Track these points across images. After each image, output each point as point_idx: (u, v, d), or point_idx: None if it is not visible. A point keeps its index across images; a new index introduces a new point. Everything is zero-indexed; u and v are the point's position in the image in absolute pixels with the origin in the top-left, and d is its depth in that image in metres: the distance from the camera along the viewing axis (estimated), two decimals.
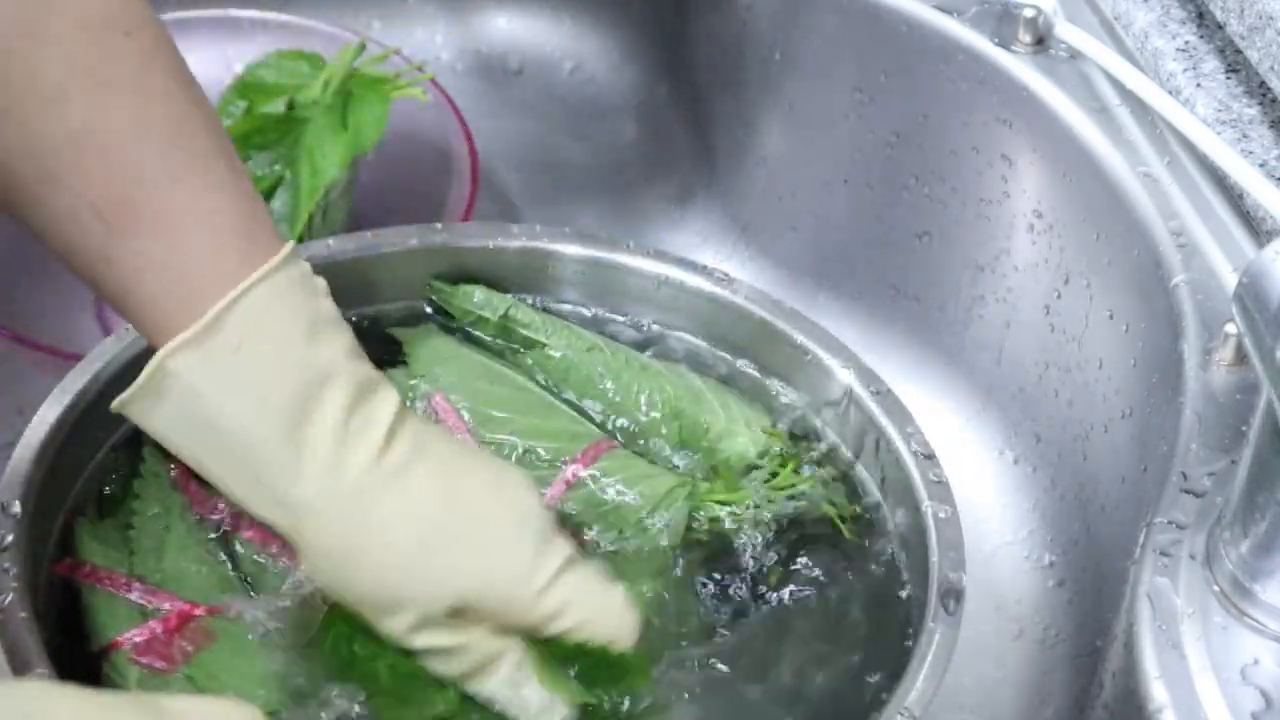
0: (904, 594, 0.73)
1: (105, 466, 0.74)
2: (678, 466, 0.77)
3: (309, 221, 0.95)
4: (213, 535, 0.72)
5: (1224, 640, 0.65)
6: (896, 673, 0.68)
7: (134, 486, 0.73)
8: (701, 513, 0.75)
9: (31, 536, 0.68)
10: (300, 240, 0.93)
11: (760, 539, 0.74)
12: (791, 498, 0.76)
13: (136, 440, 0.73)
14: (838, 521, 0.75)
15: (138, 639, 0.67)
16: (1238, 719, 0.63)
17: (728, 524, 0.75)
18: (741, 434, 0.77)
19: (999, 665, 0.89)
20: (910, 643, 0.69)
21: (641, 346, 0.81)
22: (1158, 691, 0.64)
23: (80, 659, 0.67)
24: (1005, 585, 0.92)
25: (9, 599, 0.65)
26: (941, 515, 0.71)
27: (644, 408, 0.78)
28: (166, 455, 0.73)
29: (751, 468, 0.77)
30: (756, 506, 0.75)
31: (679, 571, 0.73)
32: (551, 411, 0.77)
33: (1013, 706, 0.88)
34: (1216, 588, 0.66)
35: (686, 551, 0.74)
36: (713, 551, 0.74)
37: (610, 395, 0.78)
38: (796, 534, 0.76)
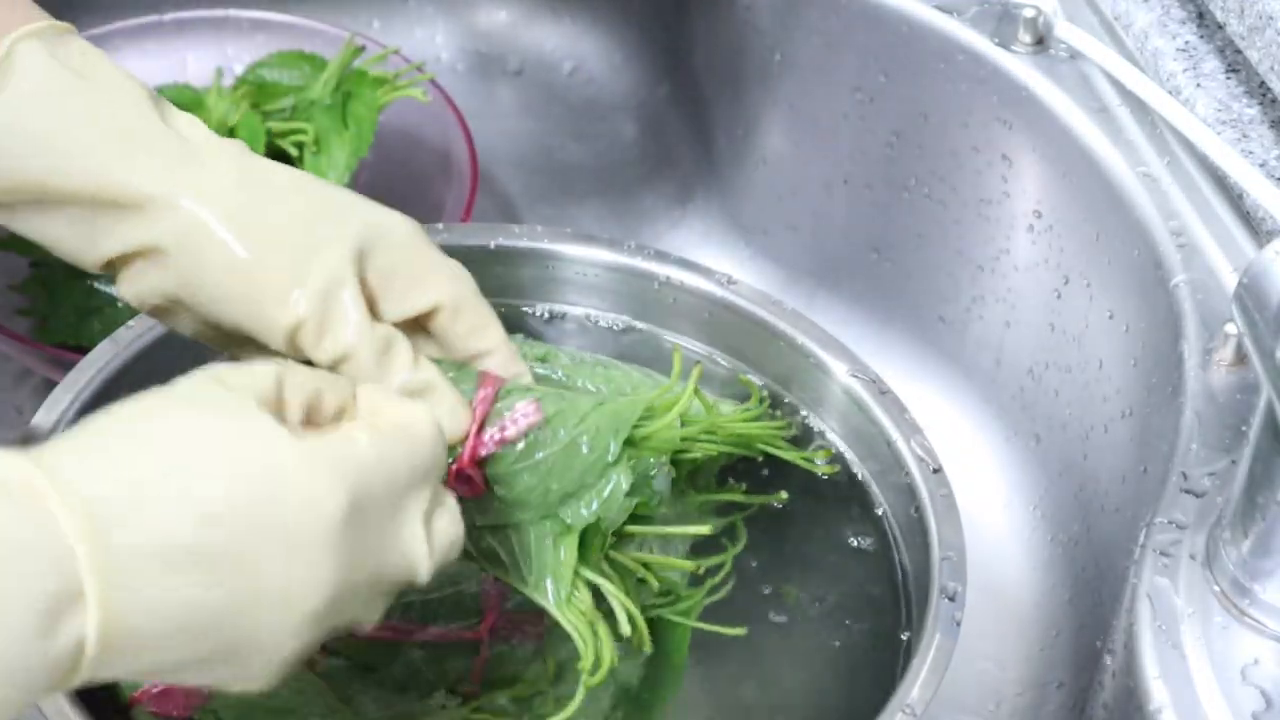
0: (904, 594, 0.73)
1: None
2: None
3: None
4: None
5: (1224, 640, 0.65)
6: (897, 673, 0.68)
7: None
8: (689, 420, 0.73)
9: None
10: None
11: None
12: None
13: None
14: (806, 462, 0.76)
15: (154, 690, 0.66)
16: (1238, 719, 0.63)
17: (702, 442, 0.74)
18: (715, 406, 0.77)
19: (999, 665, 0.89)
20: (910, 643, 0.69)
21: (637, 345, 0.81)
22: (1158, 691, 0.64)
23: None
24: (1005, 585, 0.92)
25: None
26: (942, 515, 0.72)
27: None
28: None
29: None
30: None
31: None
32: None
33: (1013, 706, 0.88)
34: (1216, 588, 0.66)
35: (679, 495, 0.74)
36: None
37: (576, 387, 0.78)
38: (795, 531, 0.76)
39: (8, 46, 0.64)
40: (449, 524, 0.59)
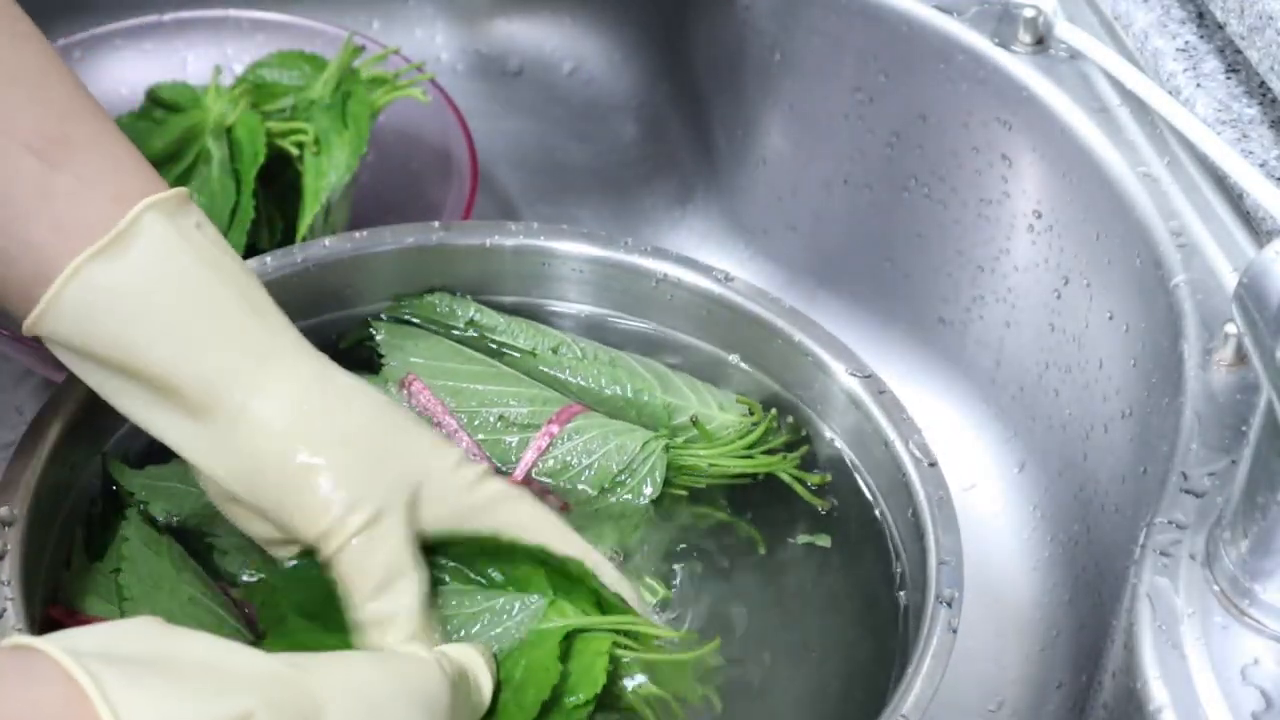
0: (902, 596, 0.73)
1: (91, 509, 0.73)
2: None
3: (312, 223, 0.95)
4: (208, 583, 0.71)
5: (1224, 640, 0.65)
6: (892, 677, 0.68)
7: (123, 533, 0.71)
8: (682, 464, 0.76)
9: (29, 543, 0.68)
10: (303, 241, 0.93)
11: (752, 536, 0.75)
12: (767, 451, 0.77)
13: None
14: (801, 488, 0.76)
15: None
16: (1238, 719, 0.63)
17: (706, 469, 0.76)
18: (717, 415, 0.77)
19: (999, 665, 0.89)
20: (907, 645, 0.69)
21: (636, 344, 0.81)
22: (1158, 691, 0.64)
23: None
24: (1005, 585, 0.92)
25: (6, 610, 0.65)
26: (939, 518, 0.71)
27: (608, 392, 0.78)
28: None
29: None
30: (741, 457, 0.76)
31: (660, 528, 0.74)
32: (521, 383, 0.78)
33: (1012, 707, 0.88)
34: (1216, 588, 0.66)
35: (665, 518, 0.75)
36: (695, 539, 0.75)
37: (577, 384, 0.79)
38: (793, 535, 0.76)
39: (135, 214, 0.66)
40: None
